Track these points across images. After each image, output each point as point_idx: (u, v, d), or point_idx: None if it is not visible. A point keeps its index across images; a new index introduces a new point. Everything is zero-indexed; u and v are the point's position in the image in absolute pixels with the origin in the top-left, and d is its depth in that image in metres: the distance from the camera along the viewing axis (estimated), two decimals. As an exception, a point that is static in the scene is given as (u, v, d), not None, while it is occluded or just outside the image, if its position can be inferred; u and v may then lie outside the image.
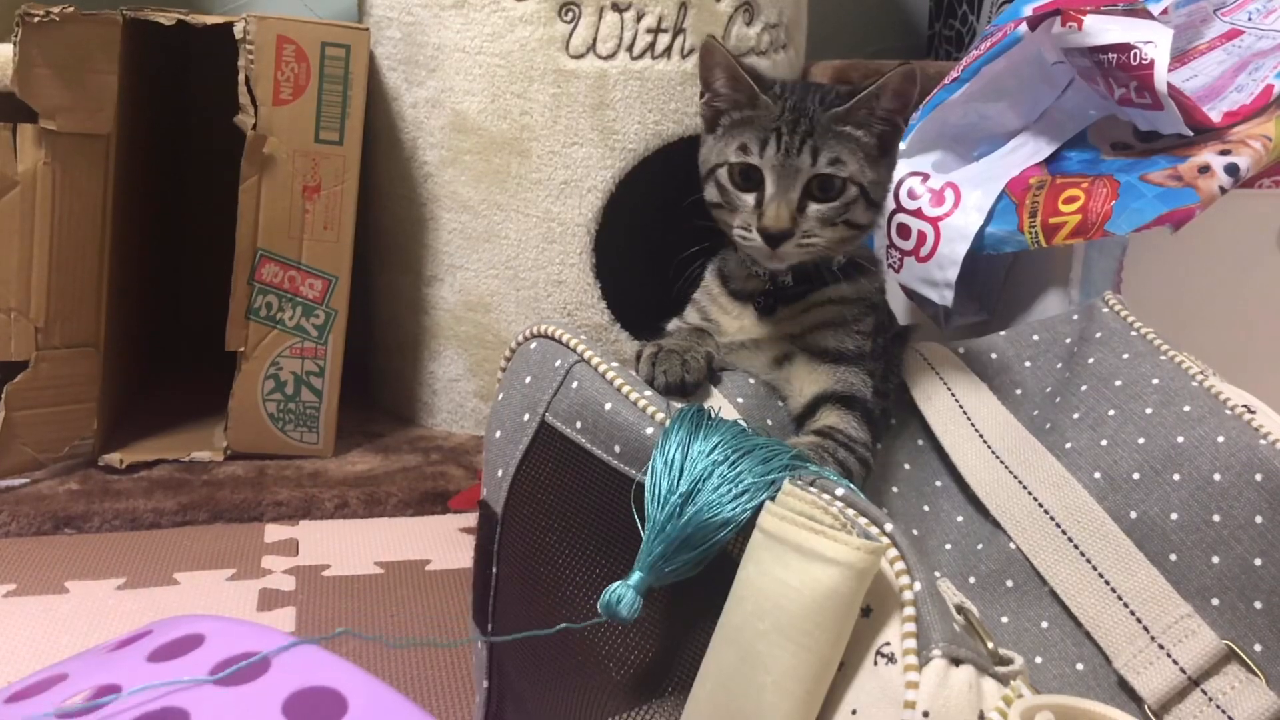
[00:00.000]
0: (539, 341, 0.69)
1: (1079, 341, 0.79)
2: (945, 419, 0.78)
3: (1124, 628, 0.65)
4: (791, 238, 0.74)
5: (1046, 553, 0.69)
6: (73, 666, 0.53)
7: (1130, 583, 0.66)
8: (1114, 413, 0.73)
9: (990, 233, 1.00)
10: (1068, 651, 0.66)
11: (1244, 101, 1.00)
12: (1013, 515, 0.71)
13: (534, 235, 1.34)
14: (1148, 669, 0.63)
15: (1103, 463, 0.70)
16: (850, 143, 0.76)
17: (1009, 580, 0.70)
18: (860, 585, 0.49)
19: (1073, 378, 0.77)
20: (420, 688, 0.90)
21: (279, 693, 0.47)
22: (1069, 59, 1.00)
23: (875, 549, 0.49)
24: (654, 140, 1.34)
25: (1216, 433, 0.68)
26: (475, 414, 1.42)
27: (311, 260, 1.29)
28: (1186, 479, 0.67)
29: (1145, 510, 0.67)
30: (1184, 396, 0.71)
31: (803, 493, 0.52)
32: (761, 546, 0.51)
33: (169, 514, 1.19)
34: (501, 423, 0.70)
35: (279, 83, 1.23)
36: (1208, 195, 0.92)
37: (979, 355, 0.82)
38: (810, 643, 0.48)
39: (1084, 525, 0.69)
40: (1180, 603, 0.64)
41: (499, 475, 0.69)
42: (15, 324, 1.19)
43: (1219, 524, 0.65)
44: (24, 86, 1.15)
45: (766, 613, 0.50)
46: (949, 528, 0.75)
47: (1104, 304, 0.80)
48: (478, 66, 1.31)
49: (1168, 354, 0.74)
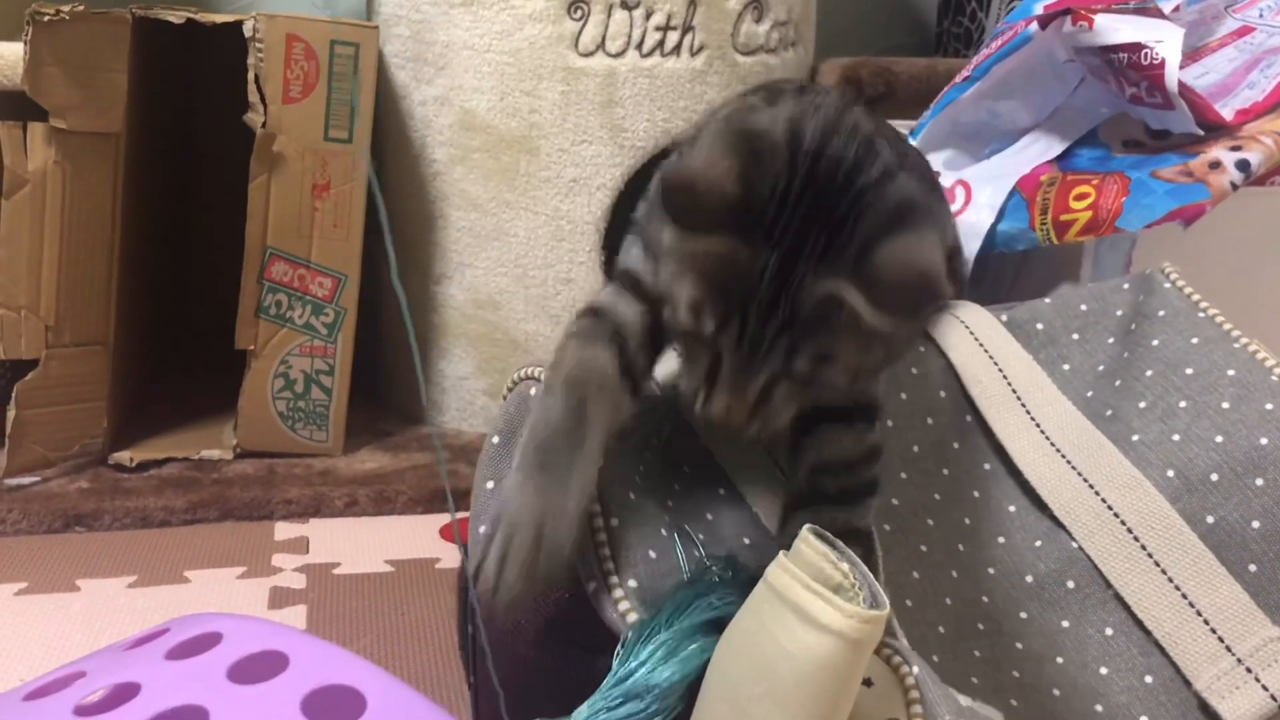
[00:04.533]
0: (538, 387, 0.61)
1: (1136, 317, 0.74)
2: (996, 402, 0.72)
3: (1204, 646, 0.61)
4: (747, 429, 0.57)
5: (1117, 560, 0.65)
6: (90, 664, 0.53)
7: (1211, 598, 0.62)
8: (1186, 405, 0.68)
9: (1002, 230, 1.00)
10: (1135, 663, 0.63)
11: (1256, 99, 1.00)
12: (1078, 517, 0.67)
13: (543, 233, 1.34)
14: (1234, 693, 0.60)
15: (1176, 460, 0.66)
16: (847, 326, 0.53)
17: (1070, 581, 0.66)
18: (858, 657, 0.46)
19: (1134, 359, 0.72)
20: (432, 686, 0.90)
21: (298, 690, 0.47)
22: (1080, 57, 1.00)
23: (873, 618, 0.46)
24: (663, 138, 1.34)
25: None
26: (484, 412, 1.42)
27: (321, 259, 1.29)
28: (1271, 484, 0.63)
29: (1224, 515, 0.63)
30: (1264, 393, 0.66)
31: (818, 545, 0.48)
32: (764, 600, 0.48)
33: (179, 512, 1.19)
34: (497, 475, 0.62)
35: (288, 81, 1.23)
36: (1219, 191, 0.92)
37: (1024, 325, 0.76)
38: (803, 714, 0.46)
39: (1159, 533, 0.64)
40: (1267, 623, 0.61)
41: (482, 531, 0.61)
42: (25, 322, 1.19)
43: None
44: (34, 85, 1.15)
45: (762, 676, 0.47)
46: (1001, 518, 0.70)
47: (1164, 277, 0.75)
48: (486, 64, 1.31)
49: (1240, 342, 0.70)
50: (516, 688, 0.62)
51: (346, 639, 0.96)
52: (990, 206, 1.01)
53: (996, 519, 0.69)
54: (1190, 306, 0.73)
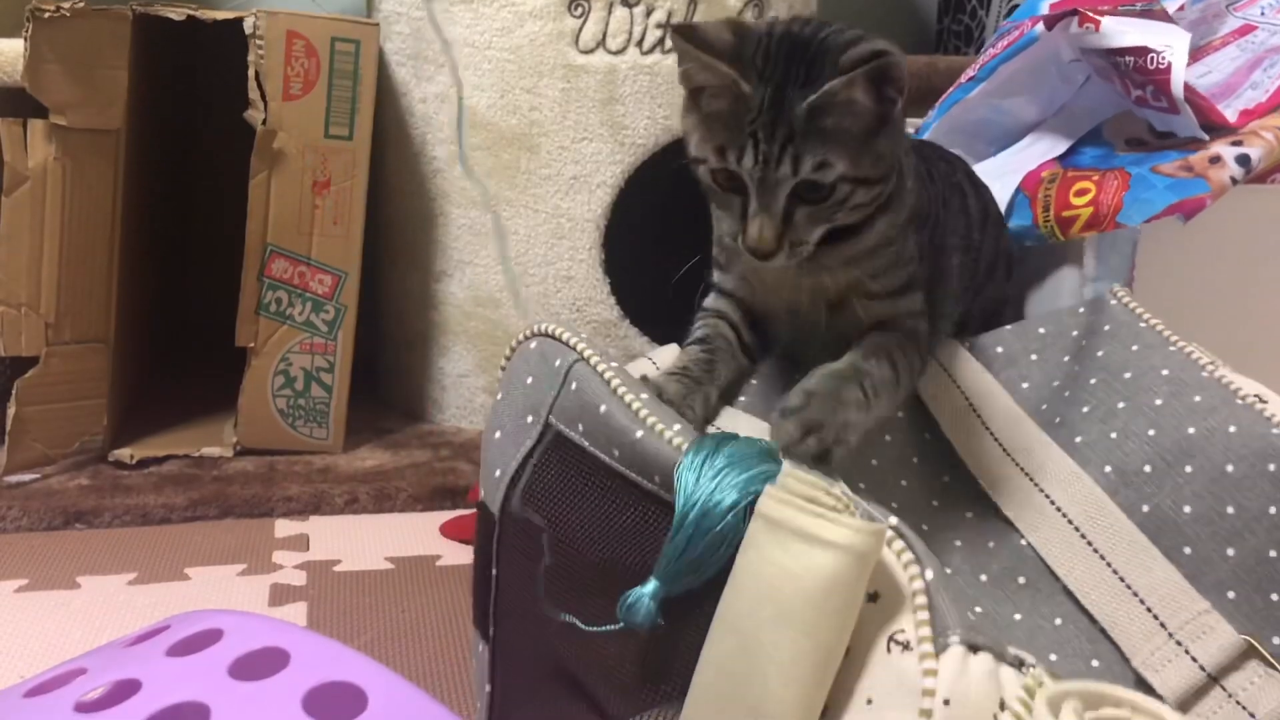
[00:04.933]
0: (539, 340, 0.68)
1: (1087, 334, 0.78)
2: (953, 416, 0.77)
3: (1140, 625, 0.64)
4: (779, 253, 0.68)
5: (1059, 549, 0.68)
6: (91, 661, 0.53)
7: (1146, 579, 0.65)
8: (1124, 405, 0.71)
9: (1010, 228, 1.00)
10: (1082, 649, 0.65)
11: (1260, 99, 1.00)
12: (1023, 512, 0.70)
13: (543, 231, 1.34)
14: (1166, 667, 0.63)
15: (1114, 456, 0.69)
16: (835, 134, 0.66)
17: (1021, 577, 0.69)
18: (863, 569, 0.48)
19: (1081, 371, 0.76)
20: (433, 682, 0.90)
21: (299, 687, 0.47)
22: (1085, 58, 1.00)
23: (876, 530, 0.48)
24: (664, 135, 1.33)
25: (1228, 423, 0.67)
26: (484, 410, 1.42)
27: (321, 256, 1.28)
28: (1199, 471, 0.66)
29: (1158, 504, 0.67)
30: (1194, 387, 0.70)
31: (804, 475, 0.50)
32: (761, 531, 0.50)
33: (179, 509, 1.19)
34: (501, 423, 0.68)
35: (289, 78, 1.23)
36: (1218, 185, 0.92)
37: (985, 349, 0.81)
38: (813, 630, 0.47)
39: (1097, 521, 0.68)
40: (1197, 598, 0.64)
41: (497, 475, 0.67)
42: (26, 319, 1.19)
43: (1233, 516, 0.64)
44: (34, 82, 1.14)
45: (767, 600, 0.48)
46: (958, 524, 0.73)
47: (1112, 297, 0.79)
48: (487, 61, 1.31)
49: (1177, 345, 0.73)
50: (534, 642, 0.64)
51: (347, 636, 0.96)
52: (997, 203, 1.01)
53: (953, 524, 0.73)
54: (1133, 319, 0.77)
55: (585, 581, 0.62)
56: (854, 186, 0.68)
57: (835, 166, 0.66)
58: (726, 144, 0.67)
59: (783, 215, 0.67)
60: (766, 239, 0.67)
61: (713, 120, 0.69)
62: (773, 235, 0.67)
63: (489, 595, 0.69)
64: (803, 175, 0.66)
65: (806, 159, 0.66)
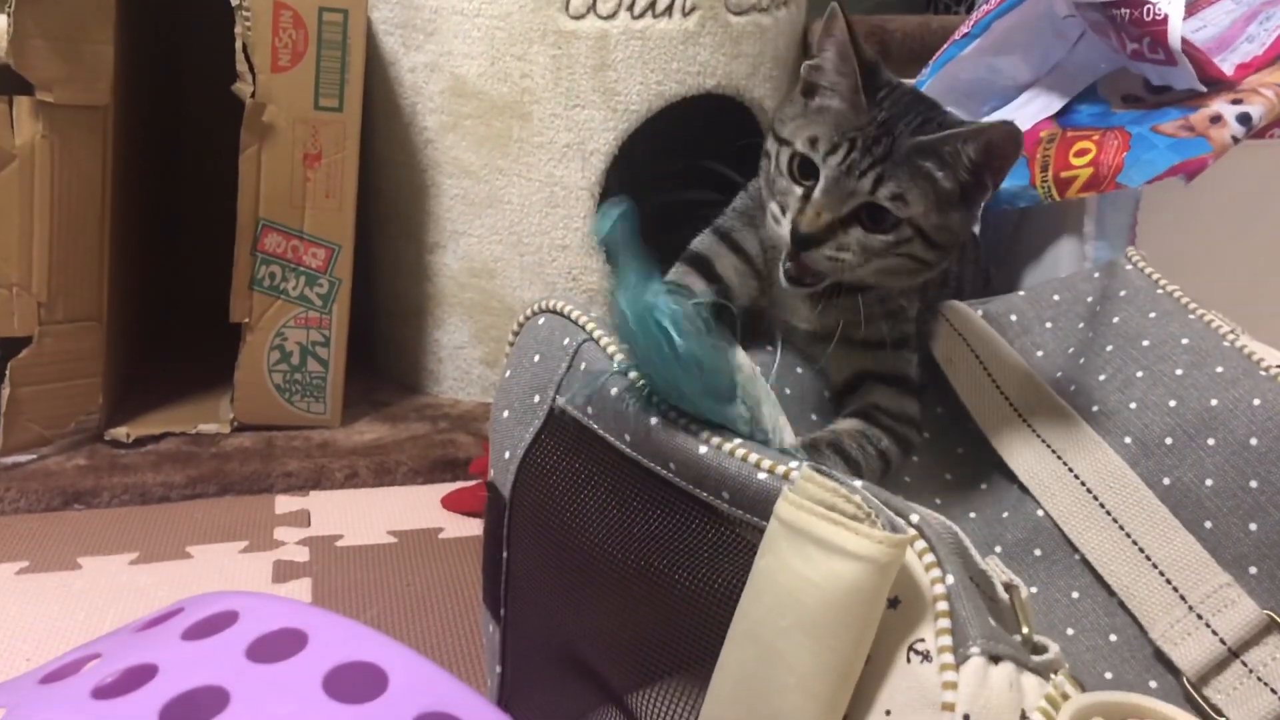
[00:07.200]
0: (547, 317, 0.66)
1: (1101, 300, 0.77)
2: (970, 385, 0.76)
3: (1160, 597, 0.63)
4: (821, 245, 0.68)
5: (1077, 519, 0.67)
6: (104, 646, 0.53)
7: (1166, 550, 0.64)
8: (1142, 374, 0.71)
9: (1003, 187, 0.99)
10: (1100, 623, 0.65)
11: (1256, 52, 0.99)
12: (1041, 481, 0.70)
13: (537, 200, 1.33)
14: (1185, 640, 0.62)
15: (1133, 427, 0.69)
16: (925, 181, 0.68)
17: (1037, 549, 0.68)
18: (885, 580, 0.46)
19: (1096, 337, 0.75)
20: (440, 656, 0.90)
21: (319, 668, 0.47)
22: (1080, 12, 0.99)
23: (900, 541, 0.46)
24: (656, 101, 1.32)
25: (1252, 395, 0.66)
26: (481, 381, 1.41)
27: (314, 229, 1.27)
28: (1222, 444, 0.65)
29: (1179, 476, 0.66)
30: (1216, 357, 0.69)
31: (822, 480, 0.48)
32: (779, 537, 0.48)
33: (178, 487, 1.18)
34: (510, 403, 0.67)
35: (276, 49, 1.22)
36: (1220, 145, 0.91)
37: (1000, 317, 0.80)
38: (834, 641, 0.46)
39: (1117, 491, 0.67)
40: (1218, 571, 0.63)
41: (506, 457, 0.67)
42: (18, 299, 1.18)
43: (1256, 490, 0.64)
44: (19, 58, 1.13)
45: (787, 609, 0.47)
46: (972, 495, 0.73)
47: (1127, 261, 0.78)
48: (476, 29, 1.29)
49: (1196, 313, 0.73)
50: (544, 623, 0.64)
51: (353, 611, 0.96)
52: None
53: (968, 496, 0.73)
54: (1150, 284, 0.76)
55: (587, 564, 0.61)
56: (915, 236, 0.69)
57: (910, 206, 0.67)
58: (820, 137, 0.69)
59: (842, 218, 0.68)
60: (819, 223, 0.68)
61: (815, 114, 0.71)
62: (826, 224, 0.68)
63: (500, 578, 0.69)
64: (878, 197, 0.67)
65: (889, 183, 0.67)
